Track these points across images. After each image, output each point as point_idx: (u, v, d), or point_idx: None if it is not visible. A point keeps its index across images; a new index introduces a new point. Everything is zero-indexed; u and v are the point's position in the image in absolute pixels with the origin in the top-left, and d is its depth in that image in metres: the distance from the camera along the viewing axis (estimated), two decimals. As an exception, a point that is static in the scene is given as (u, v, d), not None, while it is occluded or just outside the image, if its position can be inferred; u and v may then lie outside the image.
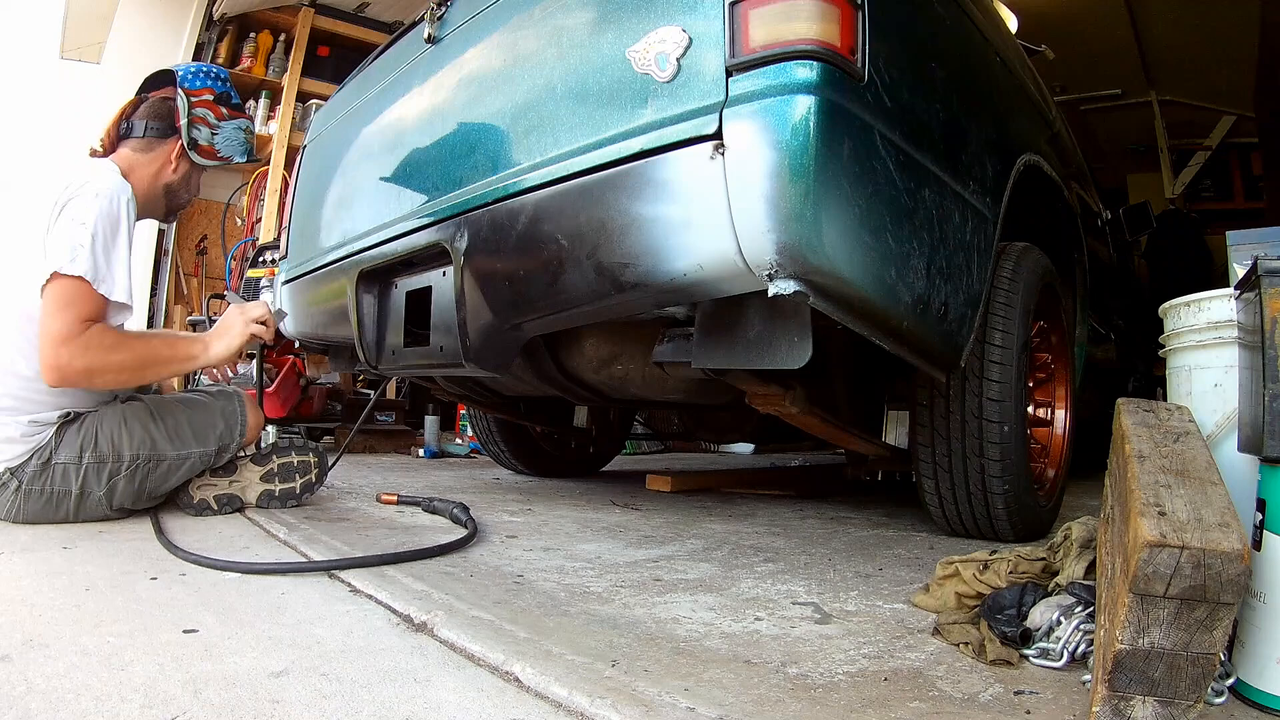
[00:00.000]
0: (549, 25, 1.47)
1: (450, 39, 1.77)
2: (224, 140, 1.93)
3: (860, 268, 1.21)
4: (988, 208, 1.60)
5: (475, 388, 2.48)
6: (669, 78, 1.21)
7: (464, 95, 1.69)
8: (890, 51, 1.26)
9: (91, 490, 1.69)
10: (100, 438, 1.70)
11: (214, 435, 1.84)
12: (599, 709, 0.80)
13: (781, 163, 1.08)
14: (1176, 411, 1.06)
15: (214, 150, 1.92)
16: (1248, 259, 0.98)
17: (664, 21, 1.23)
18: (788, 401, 1.62)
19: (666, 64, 1.21)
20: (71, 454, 1.67)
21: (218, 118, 1.92)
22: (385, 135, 1.97)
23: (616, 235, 1.26)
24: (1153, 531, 0.72)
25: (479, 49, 1.66)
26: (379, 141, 2.00)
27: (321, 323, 2.22)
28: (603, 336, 1.96)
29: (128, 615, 1.08)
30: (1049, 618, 0.99)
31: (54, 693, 0.81)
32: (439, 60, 1.79)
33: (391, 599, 1.17)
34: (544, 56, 1.46)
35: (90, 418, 1.72)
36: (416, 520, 1.90)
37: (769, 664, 0.95)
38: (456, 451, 4.06)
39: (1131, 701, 0.74)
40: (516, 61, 1.53)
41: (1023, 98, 2.03)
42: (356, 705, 0.81)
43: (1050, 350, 2.04)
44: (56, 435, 1.68)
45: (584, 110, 1.35)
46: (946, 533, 1.83)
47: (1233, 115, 5.75)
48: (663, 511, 2.21)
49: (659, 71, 1.22)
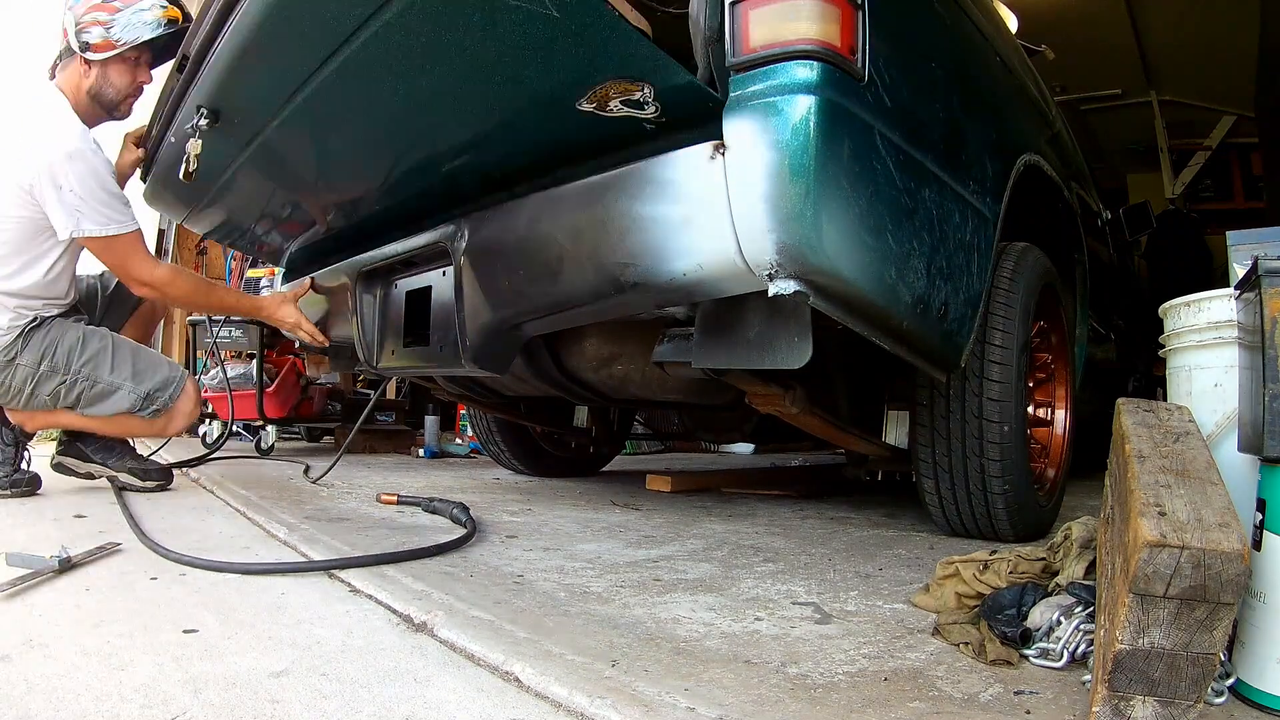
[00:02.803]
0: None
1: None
2: (121, 28, 1.98)
3: (860, 267, 1.21)
4: (988, 208, 1.60)
5: (475, 388, 2.48)
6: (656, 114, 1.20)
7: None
8: (890, 51, 1.26)
9: (39, 393, 2.02)
10: (59, 350, 2.01)
11: (150, 381, 2.10)
12: (599, 709, 0.80)
13: (782, 162, 1.08)
14: (1176, 411, 1.06)
15: (110, 42, 1.99)
16: (1248, 259, 0.98)
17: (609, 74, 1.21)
18: (788, 401, 1.62)
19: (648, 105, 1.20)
20: (32, 358, 2.00)
21: (108, 12, 1.98)
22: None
23: (617, 235, 1.26)
24: (1153, 531, 0.72)
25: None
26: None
27: (322, 324, 2.22)
28: (603, 336, 1.96)
29: (128, 615, 1.08)
30: (1049, 618, 0.99)
31: (54, 693, 0.81)
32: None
33: (391, 599, 1.17)
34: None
35: (56, 326, 2.03)
36: (417, 520, 1.90)
37: (769, 664, 0.95)
38: (456, 451, 4.06)
39: (1131, 701, 0.74)
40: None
41: (1023, 98, 2.03)
42: (356, 705, 0.81)
43: (1050, 350, 2.04)
44: (23, 338, 1.99)
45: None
46: (946, 533, 1.83)
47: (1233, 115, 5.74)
48: (663, 511, 2.21)
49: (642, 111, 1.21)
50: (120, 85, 2.08)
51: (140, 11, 2.01)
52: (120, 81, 2.08)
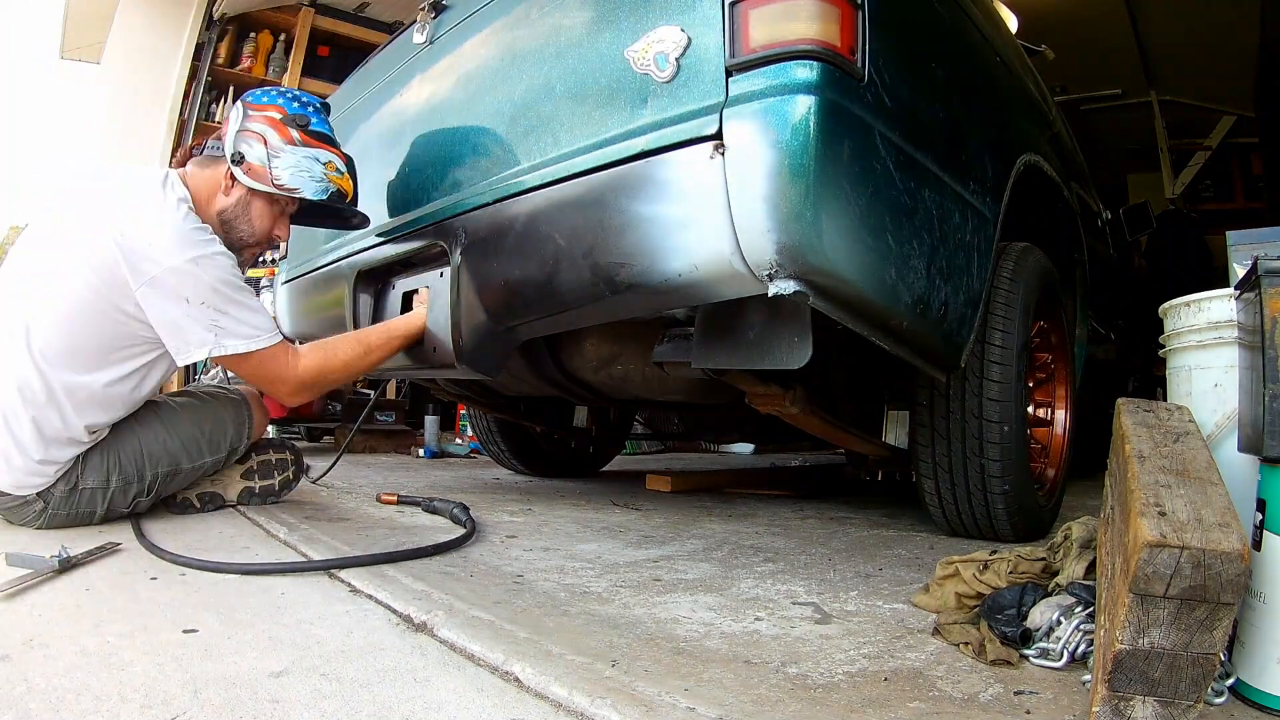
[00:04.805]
0: (545, 25, 1.47)
1: (446, 39, 1.77)
2: (287, 166, 1.67)
3: (860, 268, 1.21)
4: (988, 208, 1.60)
5: (475, 388, 2.48)
6: (668, 78, 1.21)
7: (462, 96, 1.69)
8: (890, 51, 1.26)
9: (117, 507, 1.70)
10: (124, 459, 1.68)
11: (225, 441, 1.83)
12: (599, 709, 0.80)
13: (781, 163, 1.08)
14: (1176, 411, 1.06)
15: (267, 173, 1.66)
16: (1248, 259, 0.98)
17: (663, 21, 1.23)
18: (788, 401, 1.62)
19: (666, 64, 1.21)
20: (99, 479, 1.65)
21: (282, 139, 1.67)
22: (384, 136, 1.97)
23: (614, 234, 1.26)
24: (1153, 531, 0.72)
25: (476, 49, 1.66)
26: (378, 142, 2.00)
27: (320, 323, 2.22)
28: (603, 336, 1.96)
29: (128, 615, 1.08)
30: (1049, 618, 0.99)
31: (54, 693, 0.81)
32: (436, 61, 1.79)
33: (391, 599, 1.17)
34: (541, 57, 1.46)
35: (109, 438, 1.68)
36: (417, 520, 1.90)
37: (769, 664, 0.95)
38: (456, 451, 4.06)
39: (1131, 702, 0.74)
40: (514, 62, 1.53)
41: (1023, 98, 2.03)
42: (356, 705, 0.81)
43: (1050, 350, 2.04)
44: (83, 460, 1.64)
45: (583, 110, 1.35)
46: (946, 533, 1.83)
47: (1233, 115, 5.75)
48: (663, 511, 2.21)
49: (658, 72, 1.22)
50: (258, 229, 1.75)
51: (314, 162, 1.69)
52: (260, 225, 1.74)
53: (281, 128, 1.68)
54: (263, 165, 1.67)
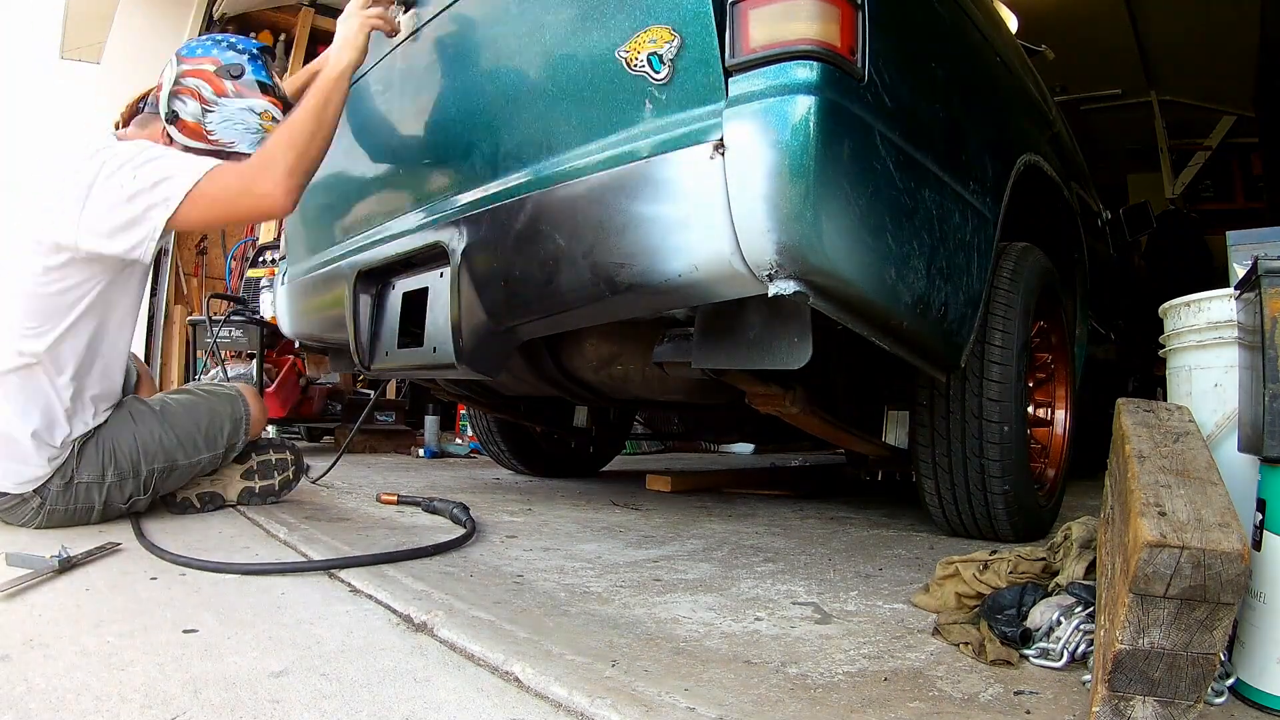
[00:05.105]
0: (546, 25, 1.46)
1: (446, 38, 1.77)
2: (221, 120, 1.59)
3: (860, 268, 1.21)
4: (988, 208, 1.60)
5: (475, 388, 2.48)
6: (666, 78, 1.21)
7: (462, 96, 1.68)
8: (890, 51, 1.26)
9: (114, 503, 1.69)
10: (119, 454, 1.67)
11: (222, 438, 1.83)
12: (599, 709, 0.80)
13: (782, 163, 1.08)
14: (1176, 411, 1.06)
15: (202, 130, 1.58)
16: (1248, 259, 0.98)
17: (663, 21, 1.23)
18: (788, 401, 1.62)
19: (661, 65, 1.21)
20: (94, 473, 1.64)
21: (215, 91, 1.58)
22: (384, 136, 1.97)
23: (614, 235, 1.26)
24: (1153, 531, 0.72)
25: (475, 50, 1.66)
26: (378, 142, 2.00)
27: (321, 324, 2.22)
28: (603, 337, 1.96)
29: (128, 615, 1.08)
30: (1049, 618, 0.99)
31: (54, 693, 0.81)
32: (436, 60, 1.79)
33: (391, 599, 1.17)
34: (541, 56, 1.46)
35: (105, 431, 1.67)
36: (417, 520, 1.90)
37: (769, 664, 0.95)
38: (456, 451, 4.06)
39: (1131, 702, 0.74)
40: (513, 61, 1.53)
41: (1023, 98, 2.03)
42: (356, 705, 0.81)
43: (1050, 350, 2.04)
44: (77, 454, 1.63)
45: (584, 110, 1.35)
46: (946, 533, 1.83)
47: (1233, 115, 5.75)
48: (663, 511, 2.21)
49: (654, 73, 1.22)
50: None
51: (249, 113, 1.62)
52: None
53: (215, 80, 1.60)
54: (197, 122, 1.60)
